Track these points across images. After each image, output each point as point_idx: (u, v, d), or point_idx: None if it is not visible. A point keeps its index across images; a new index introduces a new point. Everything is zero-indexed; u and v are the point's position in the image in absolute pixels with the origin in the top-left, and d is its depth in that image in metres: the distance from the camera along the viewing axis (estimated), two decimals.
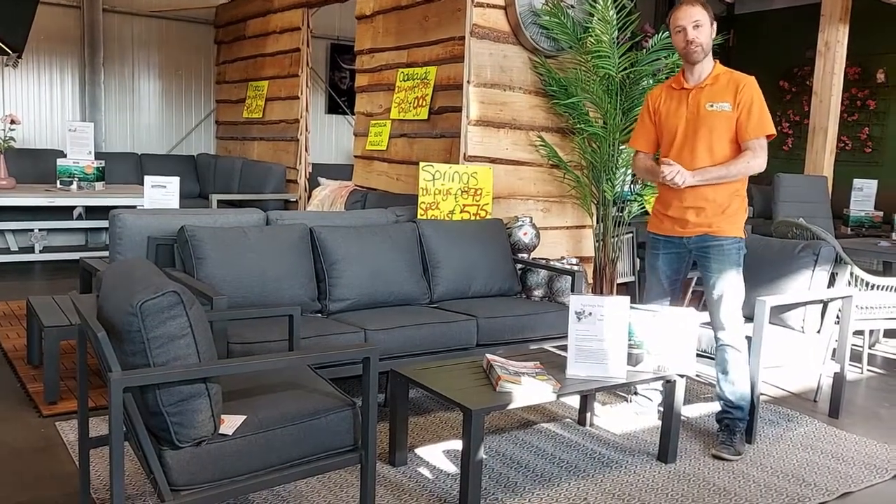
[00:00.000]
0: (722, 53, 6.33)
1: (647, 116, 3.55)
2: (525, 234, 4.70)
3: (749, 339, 3.51)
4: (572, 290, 4.18)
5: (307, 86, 7.43)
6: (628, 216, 5.23)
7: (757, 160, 3.29)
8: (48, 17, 7.75)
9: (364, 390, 2.46)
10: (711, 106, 3.31)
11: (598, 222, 5.17)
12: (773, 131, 3.31)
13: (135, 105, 8.75)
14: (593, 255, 5.24)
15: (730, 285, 3.39)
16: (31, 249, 6.89)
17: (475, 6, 4.75)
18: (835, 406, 3.96)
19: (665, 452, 3.29)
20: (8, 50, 7.09)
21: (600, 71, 4.83)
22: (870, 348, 5.12)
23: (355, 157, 6.30)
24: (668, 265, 3.57)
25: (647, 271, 3.67)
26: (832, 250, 3.93)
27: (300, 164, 7.51)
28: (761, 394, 3.66)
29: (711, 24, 3.34)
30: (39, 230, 6.88)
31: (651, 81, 4.92)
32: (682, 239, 3.47)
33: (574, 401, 3.85)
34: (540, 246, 4.85)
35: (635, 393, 3.86)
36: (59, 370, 3.68)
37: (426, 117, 5.38)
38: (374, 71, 6.01)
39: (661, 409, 3.48)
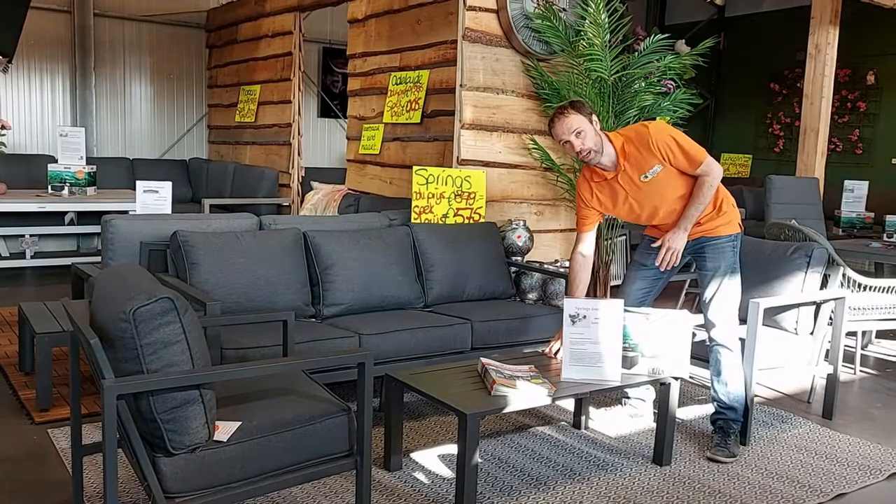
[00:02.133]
0: (712, 57, 6.35)
1: (584, 208, 3.49)
2: (519, 237, 4.70)
3: (743, 340, 3.52)
4: (566, 294, 4.18)
5: (299, 90, 7.42)
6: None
7: (713, 177, 3.30)
8: (39, 22, 7.73)
9: (359, 395, 2.45)
10: (645, 177, 3.30)
11: None
12: (705, 153, 3.30)
13: (126, 110, 8.72)
14: None
15: (724, 283, 3.40)
16: (22, 255, 6.86)
17: (467, 10, 4.76)
18: (828, 407, 3.97)
19: (660, 455, 3.29)
20: None
21: (592, 74, 4.84)
22: (862, 349, 5.14)
23: (348, 160, 6.29)
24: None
25: (634, 266, 3.62)
26: (824, 252, 3.94)
27: (293, 168, 7.50)
28: (755, 395, 3.67)
29: (592, 120, 3.28)
30: (30, 236, 6.84)
31: (643, 84, 4.94)
32: None
33: (569, 404, 3.85)
34: (533, 249, 4.85)
35: (627, 396, 3.87)
36: (52, 377, 3.65)
37: (419, 121, 5.38)
38: (367, 75, 6.01)
39: (657, 404, 3.48)
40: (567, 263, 4.78)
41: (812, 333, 3.89)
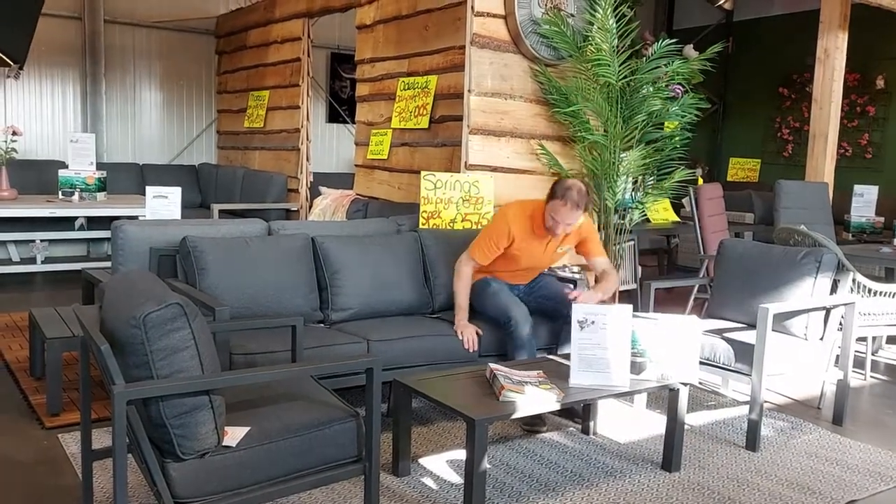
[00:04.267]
0: (721, 61, 6.33)
1: (503, 242, 3.88)
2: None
3: (752, 346, 3.52)
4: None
5: (308, 95, 7.44)
6: (630, 224, 5.23)
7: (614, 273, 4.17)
8: (50, 29, 7.78)
9: (367, 401, 2.46)
10: (561, 249, 4.02)
11: (599, 230, 5.17)
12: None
13: (136, 115, 8.77)
14: None
15: None
16: (32, 260, 6.90)
17: (475, 15, 4.76)
18: (838, 413, 3.95)
19: (669, 461, 3.28)
20: (9, 61, 7.10)
21: (601, 79, 4.84)
22: (873, 355, 5.11)
23: (356, 166, 6.30)
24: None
25: (503, 297, 3.88)
26: (834, 257, 3.93)
27: (301, 173, 7.52)
28: (765, 401, 3.66)
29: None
30: (41, 241, 6.88)
31: (651, 89, 4.93)
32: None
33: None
34: None
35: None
36: (62, 382, 3.67)
37: (427, 126, 5.39)
38: (375, 80, 6.02)
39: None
40: (575, 269, 4.79)
41: (822, 339, 3.87)
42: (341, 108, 9.74)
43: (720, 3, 9.52)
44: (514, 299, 3.90)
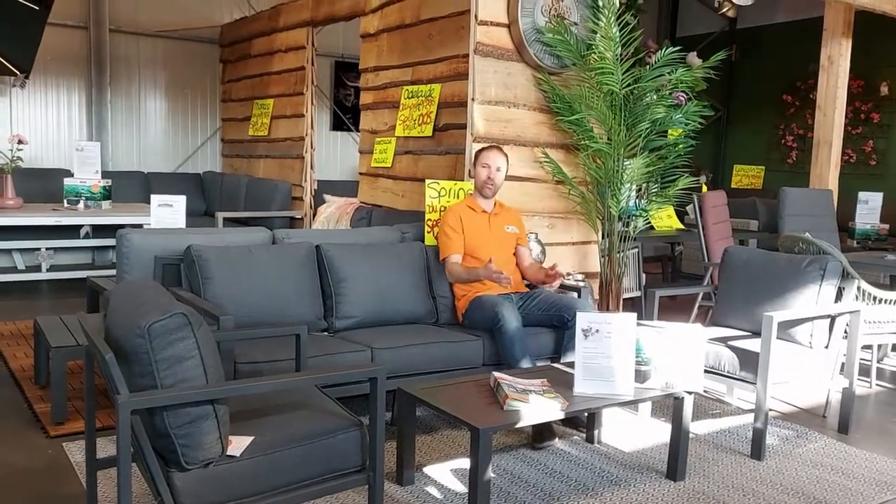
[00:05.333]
0: (724, 68, 6.34)
1: (459, 228, 4.20)
2: (531, 250, 4.70)
3: (756, 354, 3.51)
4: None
5: (312, 103, 7.47)
6: (634, 231, 5.22)
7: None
8: (55, 38, 7.82)
9: (371, 411, 2.46)
10: (508, 228, 4.34)
11: (603, 238, 5.17)
12: None
13: (141, 124, 8.81)
14: (599, 270, 5.24)
15: None
16: (37, 268, 6.91)
17: (479, 24, 4.77)
18: (844, 421, 3.94)
19: (673, 470, 3.27)
20: (15, 71, 7.14)
21: (604, 87, 4.84)
22: (878, 363, 5.09)
23: (360, 174, 6.31)
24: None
25: (492, 300, 3.93)
26: (839, 265, 3.92)
27: (305, 181, 7.54)
28: (770, 409, 3.64)
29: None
30: (46, 249, 6.89)
31: (655, 97, 4.93)
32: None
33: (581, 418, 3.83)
34: (546, 262, 4.85)
35: None
36: (67, 390, 3.68)
37: (431, 134, 5.40)
38: (379, 88, 6.04)
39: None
40: (579, 276, 4.78)
41: (827, 347, 3.86)
42: (345, 117, 9.77)
43: (724, 10, 9.52)
44: (503, 300, 3.91)
